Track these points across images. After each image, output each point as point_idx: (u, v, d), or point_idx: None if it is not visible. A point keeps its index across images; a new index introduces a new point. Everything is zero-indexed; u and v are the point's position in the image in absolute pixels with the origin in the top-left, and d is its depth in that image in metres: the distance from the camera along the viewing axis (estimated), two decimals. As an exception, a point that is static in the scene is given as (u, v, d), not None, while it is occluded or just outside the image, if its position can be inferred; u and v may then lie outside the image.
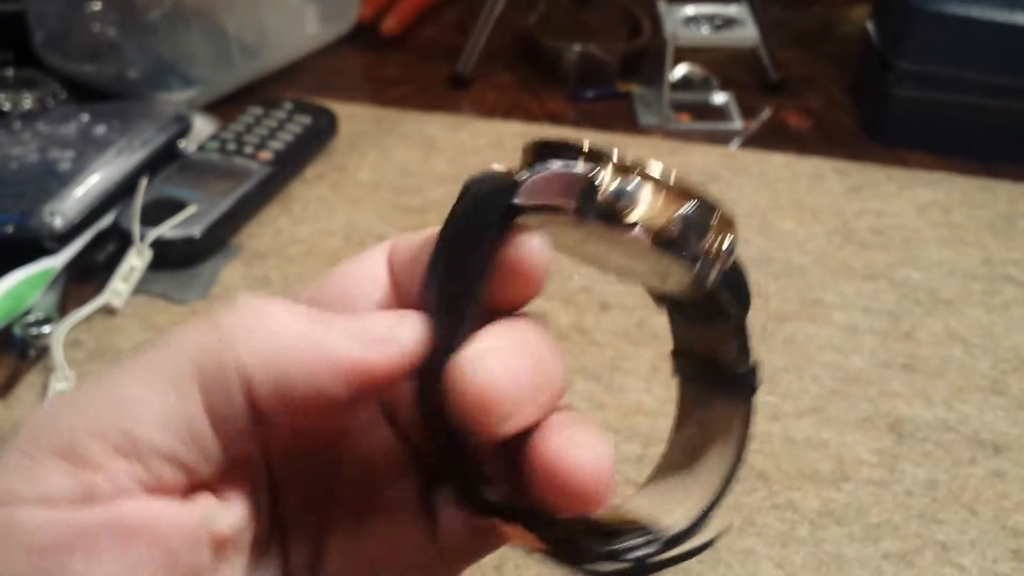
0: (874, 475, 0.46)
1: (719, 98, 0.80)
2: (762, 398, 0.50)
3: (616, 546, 0.23)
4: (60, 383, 0.50)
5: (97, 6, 0.75)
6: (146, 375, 0.21)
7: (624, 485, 0.45)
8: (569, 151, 0.22)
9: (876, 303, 0.58)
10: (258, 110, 0.70)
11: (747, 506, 0.45)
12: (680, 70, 0.81)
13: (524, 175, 0.22)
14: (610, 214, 0.21)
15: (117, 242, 0.60)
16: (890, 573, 0.42)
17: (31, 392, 0.50)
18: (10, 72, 0.76)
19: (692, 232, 0.22)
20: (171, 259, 0.59)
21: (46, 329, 0.54)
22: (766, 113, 0.79)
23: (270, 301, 0.21)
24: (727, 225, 0.23)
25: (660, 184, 0.21)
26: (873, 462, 0.47)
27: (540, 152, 0.22)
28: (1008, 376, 0.53)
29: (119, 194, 0.62)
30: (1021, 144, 0.72)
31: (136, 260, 0.57)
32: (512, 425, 0.20)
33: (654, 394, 0.50)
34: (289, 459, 0.24)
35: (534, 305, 0.23)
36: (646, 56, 0.84)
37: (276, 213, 0.65)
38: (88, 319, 0.55)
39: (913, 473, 0.47)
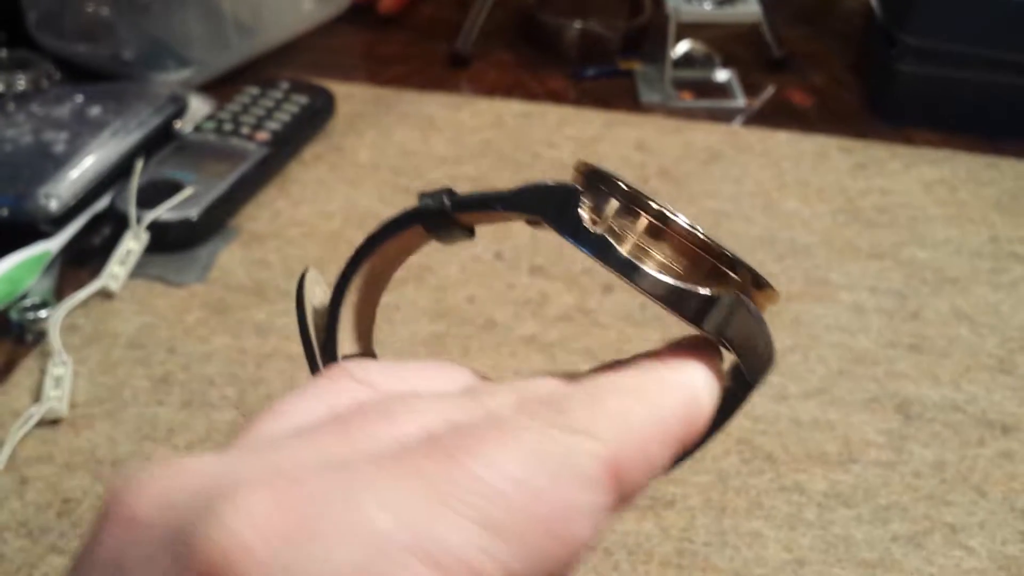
0: (882, 456, 0.46)
1: (722, 75, 0.79)
2: (768, 379, 0.50)
3: None
4: (57, 368, 0.49)
5: (90, -15, 0.74)
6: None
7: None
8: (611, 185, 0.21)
9: (882, 282, 0.57)
10: (254, 90, 0.70)
11: (754, 488, 0.44)
12: (682, 47, 0.80)
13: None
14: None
15: (113, 225, 0.59)
16: (899, 555, 0.41)
17: (29, 378, 0.50)
18: (3, 53, 0.74)
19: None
20: (168, 242, 0.58)
21: (43, 314, 0.53)
22: (769, 90, 0.78)
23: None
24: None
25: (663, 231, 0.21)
26: (881, 443, 0.47)
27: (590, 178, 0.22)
28: (1016, 355, 0.52)
29: (115, 176, 0.61)
30: (1027, 120, 0.71)
31: (133, 243, 0.57)
32: None
33: (659, 376, 0.50)
34: None
35: (537, 287, 0.22)
36: (648, 33, 0.83)
37: (274, 195, 0.64)
38: (85, 303, 0.54)
39: (921, 454, 0.46)
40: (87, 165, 0.60)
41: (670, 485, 0.44)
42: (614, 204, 0.21)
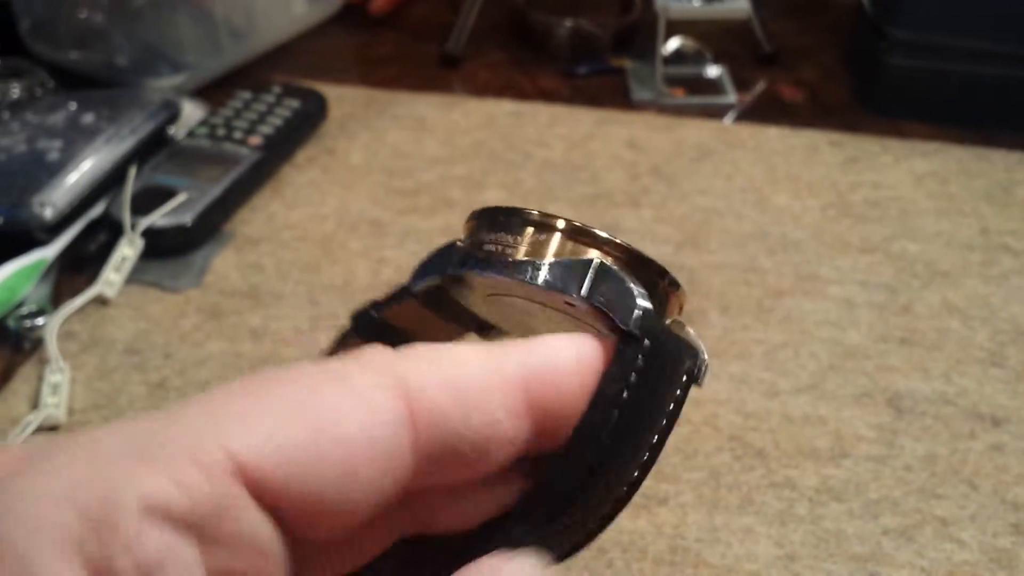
0: (873, 451, 0.46)
1: (713, 71, 0.79)
2: (759, 375, 0.50)
3: None
4: (55, 375, 0.50)
5: (82, -8, 0.74)
6: None
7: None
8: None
9: (873, 276, 0.57)
10: (247, 94, 0.70)
11: (745, 484, 0.44)
12: (673, 44, 0.80)
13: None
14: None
15: (108, 232, 0.59)
16: (890, 549, 0.42)
17: (26, 385, 0.50)
18: (-3, 62, 0.75)
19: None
20: (163, 247, 0.58)
21: (40, 321, 0.53)
22: (760, 86, 0.78)
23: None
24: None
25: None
26: (872, 438, 0.47)
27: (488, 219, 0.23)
28: (1007, 347, 0.52)
29: (109, 183, 0.61)
30: (1018, 112, 0.72)
31: (128, 249, 0.57)
32: None
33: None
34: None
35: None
36: (638, 30, 0.83)
37: (268, 198, 0.64)
38: (81, 310, 0.55)
39: (912, 448, 0.46)
40: (81, 172, 0.60)
41: (663, 483, 0.44)
42: (517, 225, 0.22)
